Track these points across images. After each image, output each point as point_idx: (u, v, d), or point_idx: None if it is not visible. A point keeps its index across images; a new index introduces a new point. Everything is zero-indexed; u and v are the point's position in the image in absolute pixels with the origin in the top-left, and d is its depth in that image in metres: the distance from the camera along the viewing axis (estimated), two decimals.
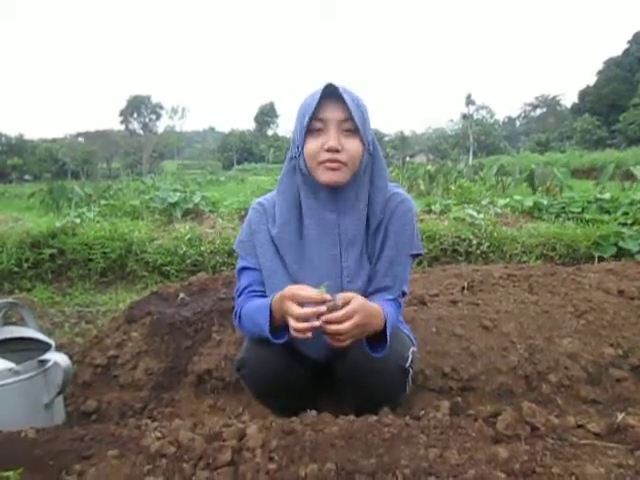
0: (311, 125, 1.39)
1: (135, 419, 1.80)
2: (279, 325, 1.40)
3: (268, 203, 1.63)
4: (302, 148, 1.43)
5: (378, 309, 1.38)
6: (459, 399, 1.96)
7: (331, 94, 1.38)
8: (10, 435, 1.34)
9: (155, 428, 1.37)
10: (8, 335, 2.04)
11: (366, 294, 1.55)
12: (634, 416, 1.35)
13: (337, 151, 1.38)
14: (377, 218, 1.53)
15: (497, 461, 1.12)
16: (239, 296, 1.61)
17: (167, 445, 1.22)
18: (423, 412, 1.39)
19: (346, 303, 1.28)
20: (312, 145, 1.41)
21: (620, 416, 1.33)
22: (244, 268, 1.63)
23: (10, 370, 1.80)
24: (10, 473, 1.16)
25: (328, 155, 1.39)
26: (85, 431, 1.39)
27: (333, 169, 1.40)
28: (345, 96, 1.35)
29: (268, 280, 1.60)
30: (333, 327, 1.27)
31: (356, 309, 1.27)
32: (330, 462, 1.10)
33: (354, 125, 1.38)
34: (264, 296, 1.57)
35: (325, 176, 1.42)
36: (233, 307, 1.66)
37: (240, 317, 1.57)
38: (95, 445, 1.28)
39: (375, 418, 1.32)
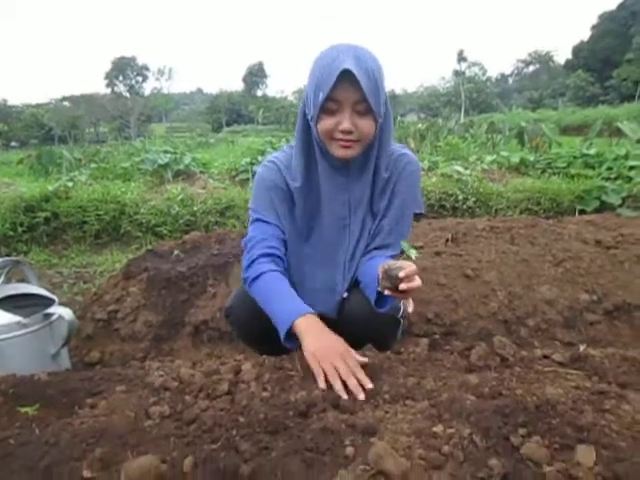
0: (325, 104, 1.40)
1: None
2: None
3: (280, 162, 1.64)
4: (316, 121, 1.45)
5: None
6: (437, 336, 2.09)
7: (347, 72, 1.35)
8: (24, 378, 1.45)
9: (157, 368, 1.49)
10: (13, 292, 2.13)
11: (369, 250, 1.66)
12: (595, 348, 1.48)
13: (350, 132, 1.42)
14: (383, 177, 1.60)
15: (468, 386, 1.24)
16: (252, 247, 1.59)
17: (170, 380, 1.33)
18: (403, 349, 1.51)
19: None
20: (326, 123, 1.43)
21: (582, 347, 1.46)
22: (258, 220, 1.63)
23: (18, 323, 1.91)
24: (27, 408, 1.27)
25: (341, 135, 1.43)
26: (93, 373, 1.51)
27: (346, 147, 1.46)
28: (361, 78, 1.33)
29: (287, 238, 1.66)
30: (415, 284, 1.31)
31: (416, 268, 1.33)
32: (318, 390, 1.23)
33: (368, 106, 1.39)
34: (280, 256, 1.60)
35: (338, 152, 1.47)
36: (242, 255, 1.64)
37: (253, 283, 1.54)
38: (104, 383, 1.40)
39: (359, 352, 1.44)
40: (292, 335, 1.39)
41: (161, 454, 0.97)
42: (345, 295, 1.68)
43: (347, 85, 1.35)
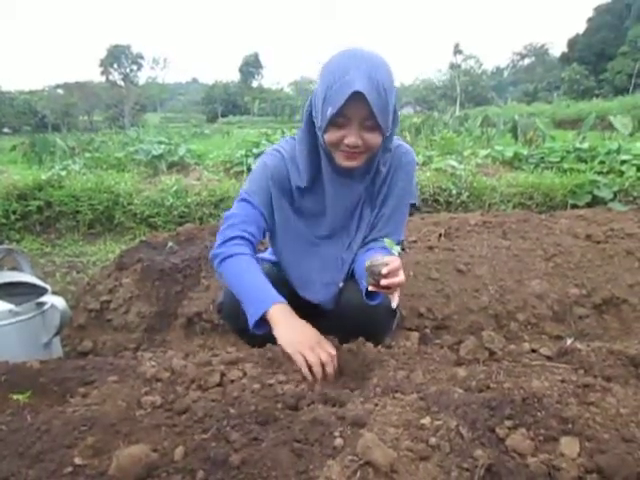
0: (334, 119, 1.40)
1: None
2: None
3: (287, 152, 1.65)
4: (323, 131, 1.44)
5: None
6: (427, 331, 2.10)
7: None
8: (16, 365, 1.45)
9: (150, 358, 1.50)
10: (6, 280, 2.13)
11: (367, 241, 1.70)
12: (582, 342, 1.50)
13: (357, 146, 1.44)
14: (382, 175, 1.64)
15: (456, 379, 1.26)
16: (231, 226, 1.60)
17: (162, 371, 1.35)
18: (394, 343, 1.53)
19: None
20: (333, 135, 1.43)
21: (569, 341, 1.48)
22: (246, 200, 1.62)
23: (10, 311, 1.91)
24: (20, 396, 1.28)
25: (347, 149, 1.44)
26: (85, 362, 1.52)
27: (351, 158, 1.48)
28: (371, 98, 1.32)
29: (282, 230, 1.69)
30: (397, 280, 1.34)
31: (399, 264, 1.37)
32: (307, 383, 1.24)
33: (376, 122, 1.39)
34: (254, 244, 1.61)
35: (343, 162, 1.49)
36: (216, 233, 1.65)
37: (225, 260, 1.55)
38: (96, 373, 1.41)
39: (351, 346, 1.46)
40: (261, 321, 1.43)
41: (152, 443, 0.98)
42: (341, 285, 1.72)
43: (357, 102, 1.34)
